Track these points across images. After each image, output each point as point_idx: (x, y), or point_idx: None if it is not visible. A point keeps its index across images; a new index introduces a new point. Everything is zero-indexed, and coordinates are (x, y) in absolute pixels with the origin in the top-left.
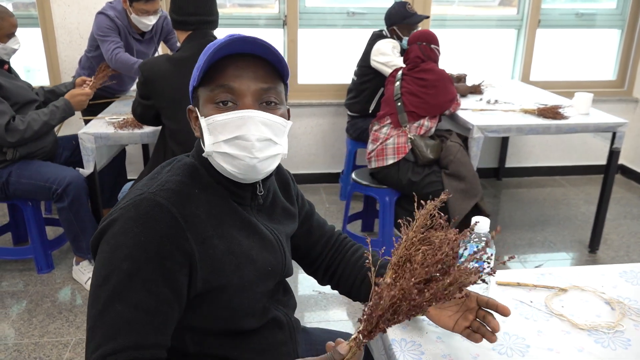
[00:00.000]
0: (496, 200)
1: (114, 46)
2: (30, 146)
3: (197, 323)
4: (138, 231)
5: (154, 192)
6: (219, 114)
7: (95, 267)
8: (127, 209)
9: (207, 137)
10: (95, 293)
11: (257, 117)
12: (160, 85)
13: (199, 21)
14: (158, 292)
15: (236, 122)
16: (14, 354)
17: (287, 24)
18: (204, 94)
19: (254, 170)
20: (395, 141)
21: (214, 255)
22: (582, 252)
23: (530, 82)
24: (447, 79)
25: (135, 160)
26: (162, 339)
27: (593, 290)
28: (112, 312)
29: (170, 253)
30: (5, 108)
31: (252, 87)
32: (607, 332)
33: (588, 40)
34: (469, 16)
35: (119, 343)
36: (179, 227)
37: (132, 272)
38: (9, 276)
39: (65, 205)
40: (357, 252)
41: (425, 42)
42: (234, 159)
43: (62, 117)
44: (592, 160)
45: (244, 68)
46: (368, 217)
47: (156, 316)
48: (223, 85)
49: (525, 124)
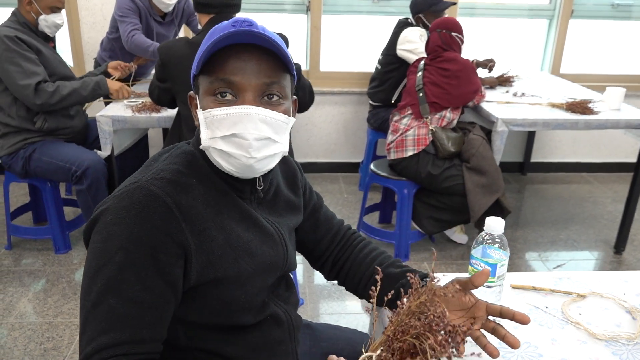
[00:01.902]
0: (520, 195)
1: (131, 27)
2: (59, 120)
3: (189, 316)
4: (131, 222)
5: (148, 180)
6: (217, 107)
7: (88, 258)
8: (120, 197)
9: (204, 131)
10: (87, 285)
11: (256, 113)
12: (176, 69)
13: (222, 4)
14: (152, 285)
15: (233, 118)
16: (28, 332)
17: (310, 9)
18: (203, 83)
19: (251, 169)
20: (415, 132)
21: (211, 247)
22: (607, 252)
23: (560, 75)
24: (470, 69)
25: (155, 144)
26: (157, 332)
27: (614, 297)
28: (106, 306)
29: (165, 245)
30: (39, 70)
31: (254, 82)
32: (627, 344)
33: (623, 32)
34: (499, 5)
35: (112, 337)
36: (174, 218)
37: (126, 265)
38: (28, 255)
39: (84, 187)
40: (365, 248)
41: (446, 29)
42: (229, 157)
43: (94, 90)
44: (621, 158)
45: (247, 60)
46: (386, 209)
47: (151, 310)
48: (223, 79)
49: (552, 119)
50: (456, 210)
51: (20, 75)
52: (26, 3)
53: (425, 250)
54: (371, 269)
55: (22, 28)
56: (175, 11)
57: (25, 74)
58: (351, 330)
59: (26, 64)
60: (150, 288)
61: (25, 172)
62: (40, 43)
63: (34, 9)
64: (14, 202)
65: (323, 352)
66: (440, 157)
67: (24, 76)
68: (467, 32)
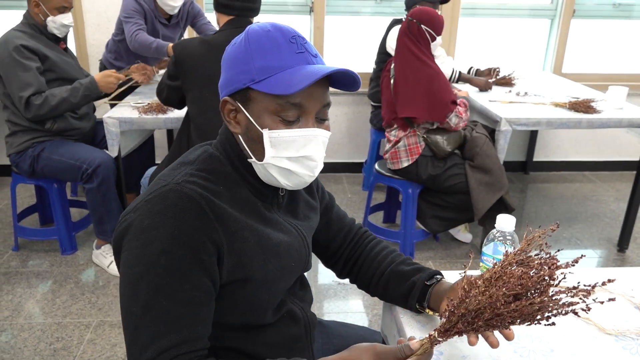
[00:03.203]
0: (522, 194)
1: (135, 27)
2: (68, 121)
3: (214, 316)
4: (170, 224)
5: (180, 183)
6: (285, 129)
7: (126, 264)
8: (152, 202)
9: (268, 150)
10: (132, 291)
11: (321, 136)
12: (190, 67)
13: (243, 7)
14: (199, 283)
15: (302, 140)
16: (38, 332)
17: (314, 10)
18: (266, 101)
19: (305, 184)
20: (405, 143)
21: (243, 248)
22: (611, 250)
23: (563, 74)
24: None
25: (159, 145)
26: (208, 328)
27: (622, 294)
28: (158, 309)
29: (204, 244)
30: (34, 82)
31: (318, 106)
32: (636, 338)
33: (625, 32)
34: (501, 5)
35: (171, 339)
36: (208, 219)
37: (171, 267)
38: (35, 256)
39: (95, 186)
40: (376, 246)
41: (417, 19)
42: (292, 175)
43: (85, 95)
44: (623, 156)
45: (317, 87)
46: (390, 209)
47: (201, 307)
48: (295, 104)
49: (556, 118)
50: (460, 209)
51: (16, 85)
52: (34, 5)
53: (430, 250)
54: (382, 267)
55: (32, 31)
56: (180, 13)
57: (20, 85)
58: (362, 328)
59: (23, 75)
60: (198, 286)
61: (32, 171)
62: (49, 46)
63: (42, 11)
64: (20, 203)
65: (335, 349)
66: (439, 158)
67: (18, 87)
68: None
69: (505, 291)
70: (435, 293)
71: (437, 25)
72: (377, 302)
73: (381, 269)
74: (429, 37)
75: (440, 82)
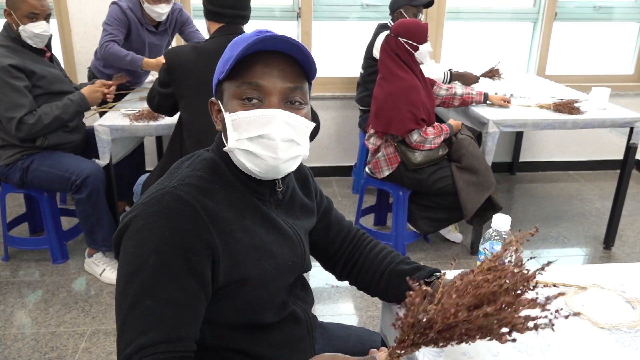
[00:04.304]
0: (510, 195)
1: (108, 38)
2: (60, 136)
3: (215, 316)
4: (162, 225)
5: (175, 186)
6: (244, 110)
7: (121, 264)
8: (149, 204)
9: (231, 133)
10: (123, 289)
11: (282, 116)
12: (182, 73)
13: (234, 15)
14: (186, 285)
15: (261, 120)
16: (32, 342)
17: (301, 16)
18: (229, 88)
19: (275, 170)
20: (384, 152)
21: (237, 248)
22: (597, 248)
23: (546, 76)
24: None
25: (149, 152)
26: (192, 331)
27: (613, 289)
28: (143, 307)
29: (195, 246)
30: (26, 102)
31: (279, 86)
32: (628, 332)
33: (605, 34)
34: (484, 8)
35: (151, 337)
36: (202, 221)
37: (160, 267)
38: (25, 266)
39: (84, 196)
40: (375, 247)
41: (395, 33)
42: (256, 158)
43: (76, 112)
44: (607, 156)
45: (273, 66)
46: (381, 211)
47: (186, 309)
48: (250, 83)
49: (541, 119)
50: (450, 209)
51: (5, 106)
52: (7, 14)
53: (421, 251)
54: (382, 268)
55: (14, 44)
56: (168, 21)
57: (9, 107)
58: (361, 329)
59: (13, 96)
60: (184, 288)
61: (22, 183)
62: (34, 60)
63: (14, 20)
64: (9, 213)
65: (335, 350)
66: (409, 169)
67: (8, 108)
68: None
69: (456, 300)
70: (435, 290)
71: (416, 35)
72: (370, 304)
73: (381, 269)
74: (409, 48)
75: (409, 96)
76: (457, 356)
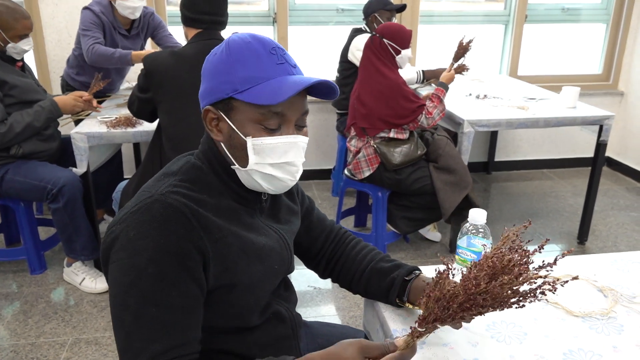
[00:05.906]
0: (486, 194)
1: (92, 41)
2: (35, 144)
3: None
4: (156, 234)
5: (164, 193)
6: (268, 137)
7: (114, 275)
8: (138, 213)
9: (252, 157)
10: (122, 300)
11: (300, 142)
12: (161, 78)
13: (211, 21)
14: (187, 289)
15: (284, 147)
16: (11, 354)
17: (277, 21)
18: (248, 111)
19: (286, 188)
20: (364, 153)
21: (227, 253)
22: (571, 243)
23: (518, 77)
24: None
25: (127, 159)
26: (197, 333)
27: (586, 278)
28: (148, 316)
29: (189, 252)
30: None
31: (297, 114)
32: (601, 319)
33: (574, 35)
34: (457, 12)
35: (162, 344)
36: (193, 227)
37: (159, 274)
38: (1, 277)
39: (60, 206)
40: (356, 246)
41: (380, 34)
42: (274, 180)
43: (48, 119)
44: (578, 153)
45: (297, 97)
46: (361, 213)
47: (190, 313)
48: (277, 113)
49: (515, 118)
50: (428, 209)
51: None
52: None
53: (401, 250)
54: (363, 266)
55: None
56: (140, 24)
57: None
58: (345, 327)
59: None
60: (186, 293)
61: None
62: (5, 69)
63: (2, 38)
64: None
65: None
66: (389, 170)
67: None
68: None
69: (476, 273)
70: (414, 287)
71: (400, 39)
72: (353, 304)
73: (362, 267)
74: (392, 50)
75: (403, 91)
76: (438, 347)
